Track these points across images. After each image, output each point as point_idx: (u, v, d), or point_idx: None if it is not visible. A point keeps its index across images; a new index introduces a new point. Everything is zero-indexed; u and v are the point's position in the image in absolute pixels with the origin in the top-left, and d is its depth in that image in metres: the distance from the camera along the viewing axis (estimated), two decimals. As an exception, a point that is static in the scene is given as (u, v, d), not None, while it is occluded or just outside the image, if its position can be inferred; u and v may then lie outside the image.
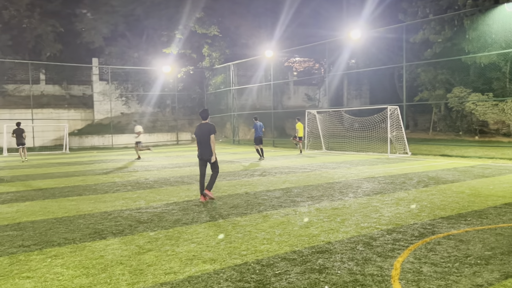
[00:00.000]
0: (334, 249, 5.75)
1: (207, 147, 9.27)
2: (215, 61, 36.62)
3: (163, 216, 7.97)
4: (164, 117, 39.76)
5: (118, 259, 5.53)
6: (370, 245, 5.93)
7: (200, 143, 9.37)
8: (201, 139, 9.33)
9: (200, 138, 9.34)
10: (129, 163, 19.31)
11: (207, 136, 9.23)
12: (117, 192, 11.00)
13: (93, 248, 6.04)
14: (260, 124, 19.65)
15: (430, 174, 13.28)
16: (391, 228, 6.82)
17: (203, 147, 9.33)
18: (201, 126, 9.43)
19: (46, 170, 16.90)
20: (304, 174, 13.92)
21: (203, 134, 9.30)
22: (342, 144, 24.06)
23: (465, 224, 6.96)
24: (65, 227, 7.27)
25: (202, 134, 9.31)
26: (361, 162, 17.42)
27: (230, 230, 6.87)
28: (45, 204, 9.48)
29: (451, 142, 25.30)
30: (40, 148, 31.97)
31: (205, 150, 9.31)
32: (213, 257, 5.51)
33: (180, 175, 14.14)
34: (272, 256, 5.53)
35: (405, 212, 7.96)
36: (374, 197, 9.57)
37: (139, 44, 38.40)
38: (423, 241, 6.05)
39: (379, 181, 12.02)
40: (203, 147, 9.32)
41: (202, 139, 9.30)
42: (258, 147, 19.45)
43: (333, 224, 7.12)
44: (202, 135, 9.30)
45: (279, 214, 8.01)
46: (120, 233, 6.81)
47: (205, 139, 9.25)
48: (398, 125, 20.64)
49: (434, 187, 10.70)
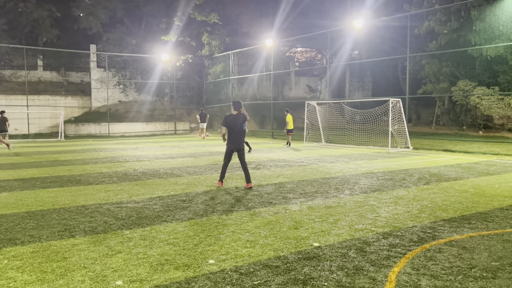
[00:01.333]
0: (323, 255, 5.18)
1: (240, 136, 9.64)
2: (214, 50, 35.86)
3: (142, 212, 7.41)
4: (163, 106, 39.13)
5: (82, 262, 4.97)
6: (363, 251, 5.35)
7: (232, 133, 9.55)
8: (234, 129, 9.53)
9: (233, 128, 9.53)
10: (122, 152, 18.75)
11: (240, 126, 9.53)
12: (101, 184, 10.44)
13: (58, 248, 5.48)
14: None
15: (432, 170, 12.67)
16: (388, 231, 6.23)
17: (236, 137, 9.58)
18: (233, 116, 9.61)
19: (35, 158, 16.35)
20: (300, 168, 13.33)
21: (236, 124, 9.53)
22: (342, 137, 23.43)
23: (469, 228, 6.38)
24: (35, 223, 6.71)
25: (235, 124, 9.53)
26: (361, 156, 16.82)
27: (212, 230, 6.31)
28: (22, 195, 8.93)
29: (455, 137, 24.64)
30: (35, 135, 31.45)
31: (238, 139, 9.62)
32: (187, 262, 4.94)
33: (170, 167, 13.58)
34: (253, 262, 4.96)
35: (403, 212, 7.37)
36: (372, 194, 8.99)
37: (138, 31, 37.66)
38: (422, 248, 5.47)
39: (378, 177, 11.43)
40: (237, 137, 9.59)
41: (236, 129, 9.53)
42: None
43: (325, 225, 6.55)
44: (235, 125, 9.52)
45: (268, 212, 7.44)
46: (92, 231, 6.25)
47: (238, 129, 9.53)
48: (400, 118, 19.99)
49: (435, 185, 10.10)
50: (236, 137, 9.57)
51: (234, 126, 9.53)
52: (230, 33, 36.29)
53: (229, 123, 9.57)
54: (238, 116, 9.59)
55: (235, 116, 9.60)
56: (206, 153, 18.09)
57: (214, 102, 37.53)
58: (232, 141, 9.59)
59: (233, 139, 9.58)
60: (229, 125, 9.57)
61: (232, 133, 9.55)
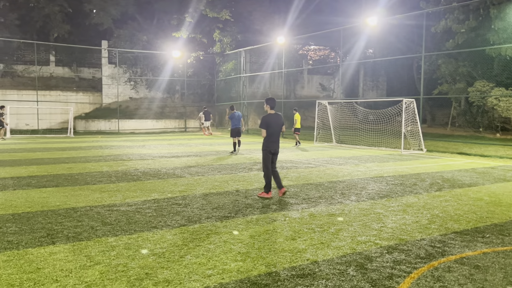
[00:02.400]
0: (318, 272, 4.70)
1: (279, 138, 8.81)
2: (226, 47, 35.42)
3: (133, 217, 7.00)
4: (173, 103, 38.87)
5: (56, 274, 4.57)
6: (364, 268, 4.86)
7: (273, 135, 8.68)
8: (275, 131, 8.70)
9: (275, 130, 8.70)
10: (128, 150, 18.45)
11: (280, 128, 8.83)
12: (98, 183, 10.09)
13: (35, 256, 5.09)
14: (238, 114, 17.57)
15: (445, 175, 12.06)
16: (393, 244, 5.72)
17: (275, 139, 8.73)
18: (273, 116, 8.71)
19: (38, 155, 16.12)
20: (307, 170, 12.82)
21: (277, 126, 8.73)
22: (353, 137, 22.82)
23: (483, 243, 5.83)
24: (18, 227, 6.35)
25: (276, 126, 8.71)
26: (371, 158, 16.23)
27: (203, 239, 5.87)
28: (13, 195, 8.60)
29: (470, 139, 23.83)
30: (44, 131, 31.42)
31: (277, 142, 8.76)
32: (168, 277, 4.51)
33: (173, 167, 13.19)
34: (241, 279, 4.51)
35: (412, 222, 6.84)
36: (379, 201, 8.46)
37: (149, 28, 37.41)
38: (430, 266, 4.95)
39: (388, 181, 10.87)
40: (276, 139, 8.74)
41: (277, 130, 8.74)
42: (236, 139, 17.31)
43: (325, 236, 6.06)
44: (276, 127, 8.72)
45: (266, 219, 6.97)
46: (76, 238, 5.86)
47: (278, 131, 8.77)
48: (413, 119, 19.32)
49: (448, 192, 9.52)
50: (276, 139, 8.72)
51: (276, 127, 8.69)
52: (242, 30, 35.81)
53: (270, 125, 8.63)
54: (278, 116, 8.76)
55: (276, 116, 8.72)
56: (212, 152, 17.69)
57: (224, 100, 37.13)
58: (272, 143, 8.67)
59: (272, 141, 8.67)
60: (270, 126, 8.64)
61: (273, 135, 8.68)
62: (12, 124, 30.78)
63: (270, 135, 8.67)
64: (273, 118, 8.69)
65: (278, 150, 8.83)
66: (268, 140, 8.67)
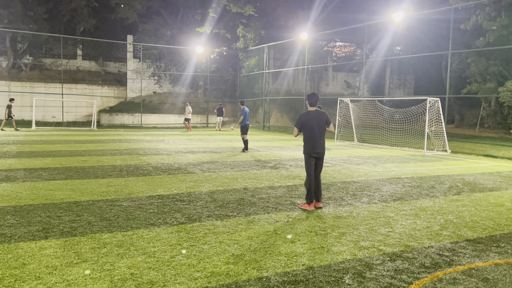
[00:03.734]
0: (312, 280, 4.42)
1: (323, 140, 7.63)
2: (249, 43, 35.17)
3: (133, 213, 6.87)
4: (196, 99, 38.92)
5: (40, 271, 4.45)
6: (361, 276, 4.55)
7: (314, 135, 7.50)
8: (315, 130, 7.50)
9: (314, 129, 7.50)
10: (146, 144, 18.48)
11: (324, 126, 7.61)
12: (107, 177, 10.04)
13: (24, 251, 5.00)
14: (247, 111, 16.77)
15: (466, 178, 11.51)
16: (398, 251, 5.38)
17: (318, 140, 7.53)
18: (312, 114, 7.59)
19: (56, 147, 16.30)
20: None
21: (318, 124, 7.52)
22: (376, 137, 22.24)
23: (496, 253, 5.42)
24: (16, 220, 6.31)
25: (316, 124, 7.51)
26: (392, 159, 15.73)
27: (199, 239, 5.67)
28: (20, 187, 8.62)
29: (499, 141, 22.88)
30: (69, 123, 31.97)
31: (321, 143, 7.58)
32: (153, 279, 4.33)
33: (186, 162, 13.06)
34: (228, 283, 4.28)
35: (422, 228, 6.47)
36: (391, 204, 8.08)
37: (174, 23, 37.54)
38: (434, 276, 4.61)
39: (404, 183, 10.44)
40: (319, 140, 7.55)
41: (318, 130, 7.52)
42: (247, 137, 16.59)
43: (327, 240, 5.77)
44: (317, 125, 7.52)
45: (269, 220, 6.72)
46: (70, 233, 5.75)
47: (321, 130, 7.57)
48: (438, 119, 18.64)
49: (467, 196, 9.03)
50: (316, 141, 7.51)
51: (315, 126, 7.50)
52: (266, 26, 35.48)
53: (306, 123, 7.55)
54: (318, 113, 7.61)
55: (315, 114, 7.59)
56: (228, 149, 17.52)
57: (247, 96, 36.90)
58: (311, 146, 7.52)
59: (312, 143, 7.52)
60: (306, 125, 7.55)
61: (312, 136, 7.51)
62: (39, 116, 31.47)
63: (308, 135, 7.57)
64: (312, 116, 7.58)
65: (322, 153, 7.62)
66: (307, 142, 7.59)
